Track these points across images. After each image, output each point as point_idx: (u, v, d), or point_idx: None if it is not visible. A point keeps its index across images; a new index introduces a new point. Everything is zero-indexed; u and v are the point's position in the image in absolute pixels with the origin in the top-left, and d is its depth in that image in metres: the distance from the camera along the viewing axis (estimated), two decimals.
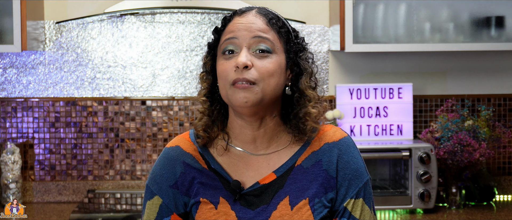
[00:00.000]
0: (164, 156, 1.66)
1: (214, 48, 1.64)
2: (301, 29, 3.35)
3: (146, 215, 1.65)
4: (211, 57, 1.64)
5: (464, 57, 3.42)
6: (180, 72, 3.36)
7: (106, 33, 3.33)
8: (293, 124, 1.62)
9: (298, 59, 1.64)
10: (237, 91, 1.54)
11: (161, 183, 1.64)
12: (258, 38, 1.57)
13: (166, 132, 3.36)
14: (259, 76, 1.55)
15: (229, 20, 1.62)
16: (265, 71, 1.56)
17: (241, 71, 1.54)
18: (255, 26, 1.58)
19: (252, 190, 1.59)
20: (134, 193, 3.28)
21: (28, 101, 3.33)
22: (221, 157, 1.64)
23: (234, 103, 1.56)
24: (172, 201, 1.63)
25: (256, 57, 1.56)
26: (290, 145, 1.63)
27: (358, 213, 1.60)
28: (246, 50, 1.56)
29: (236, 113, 1.61)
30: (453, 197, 3.17)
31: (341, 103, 3.30)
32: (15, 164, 3.21)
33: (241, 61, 1.54)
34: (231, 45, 1.58)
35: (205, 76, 1.65)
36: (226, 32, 1.60)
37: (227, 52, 1.58)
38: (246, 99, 1.54)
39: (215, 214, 1.58)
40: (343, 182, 1.60)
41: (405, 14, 3.21)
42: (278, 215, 1.56)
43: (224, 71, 1.57)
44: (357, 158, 1.63)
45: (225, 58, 1.58)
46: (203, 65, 1.66)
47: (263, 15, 1.61)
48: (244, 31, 1.58)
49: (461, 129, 3.11)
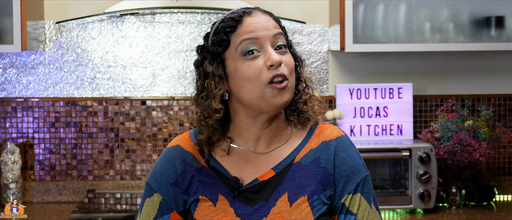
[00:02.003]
0: (165, 155, 1.67)
1: (220, 54, 1.58)
2: (301, 29, 3.36)
3: (144, 212, 1.64)
4: (218, 63, 1.58)
5: (464, 57, 3.42)
6: (180, 72, 3.36)
7: (106, 33, 3.33)
8: (297, 113, 1.63)
9: (294, 53, 1.65)
10: (276, 93, 1.53)
11: (161, 181, 1.64)
12: (277, 35, 1.58)
13: (166, 132, 3.36)
14: (288, 72, 1.56)
15: (239, 21, 1.57)
16: (291, 66, 1.57)
17: (277, 68, 1.54)
18: (270, 24, 1.58)
19: (251, 186, 1.60)
20: (134, 193, 3.28)
21: (28, 101, 3.33)
22: (222, 157, 1.64)
23: (273, 104, 1.55)
24: (172, 199, 1.63)
25: (280, 54, 1.57)
26: (290, 141, 1.64)
27: (355, 208, 1.59)
28: (272, 48, 1.56)
29: (250, 113, 1.58)
30: (453, 197, 3.16)
31: (341, 103, 3.30)
32: (15, 164, 3.21)
33: (276, 59, 1.53)
34: (253, 45, 1.55)
35: (218, 83, 1.58)
36: (241, 33, 1.56)
37: (248, 53, 1.55)
38: (286, 99, 1.55)
39: (214, 211, 1.58)
40: (340, 179, 1.60)
41: (405, 14, 3.21)
42: (277, 211, 1.56)
43: (254, 73, 1.54)
44: (354, 155, 1.63)
45: (247, 59, 1.55)
46: (213, 70, 1.57)
47: (269, 14, 1.62)
48: (264, 31, 1.56)
49: (461, 129, 3.11)
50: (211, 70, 1.58)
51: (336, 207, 1.60)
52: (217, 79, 1.58)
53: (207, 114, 1.58)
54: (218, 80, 1.58)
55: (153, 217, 1.63)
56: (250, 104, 1.57)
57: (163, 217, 1.63)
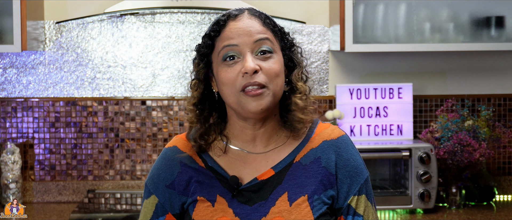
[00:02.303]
0: (162, 156, 1.67)
1: (207, 56, 1.61)
2: (301, 29, 3.36)
3: (142, 214, 1.66)
4: (204, 64, 1.61)
5: (464, 57, 3.42)
6: (180, 72, 3.36)
7: (106, 33, 3.33)
8: (288, 116, 1.62)
9: (291, 54, 1.64)
10: (250, 100, 1.53)
11: (158, 183, 1.64)
12: (259, 41, 1.56)
13: (166, 132, 3.36)
14: (268, 79, 1.54)
15: (223, 25, 1.58)
16: (272, 72, 1.55)
17: (251, 76, 1.53)
18: (253, 29, 1.57)
19: (250, 186, 1.59)
20: (134, 193, 3.28)
21: (28, 101, 3.33)
22: (219, 157, 1.64)
23: (249, 111, 1.55)
24: (168, 201, 1.63)
25: (260, 60, 1.55)
26: (289, 141, 1.64)
27: (361, 209, 1.60)
28: (251, 55, 1.55)
29: (239, 116, 1.60)
30: (453, 197, 3.16)
31: (341, 103, 3.30)
32: (15, 164, 3.21)
33: (250, 67, 1.52)
34: (232, 52, 1.55)
35: (197, 84, 1.62)
36: (223, 38, 1.57)
37: (228, 58, 1.56)
38: (261, 106, 1.54)
39: (213, 212, 1.58)
40: (345, 180, 1.60)
41: (405, 14, 3.21)
42: (276, 211, 1.56)
43: (230, 79, 1.55)
44: (355, 155, 1.63)
45: (227, 65, 1.56)
46: (196, 73, 1.62)
47: (257, 17, 1.60)
48: (245, 37, 1.56)
49: (461, 129, 3.11)
50: (195, 71, 1.62)
51: (342, 208, 1.60)
52: (196, 81, 1.62)
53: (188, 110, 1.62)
54: (197, 82, 1.61)
55: (149, 218, 1.64)
56: (232, 107, 1.59)
57: (158, 219, 1.63)
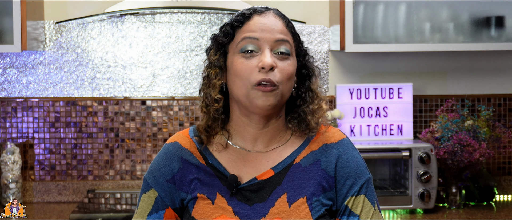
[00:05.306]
0: (163, 151, 1.67)
1: (224, 46, 1.61)
2: (301, 29, 3.36)
3: (140, 208, 1.65)
4: (221, 54, 1.62)
5: (464, 57, 3.42)
6: (180, 72, 3.36)
7: (106, 33, 3.33)
8: (299, 121, 1.63)
9: (305, 62, 1.66)
10: (260, 95, 1.54)
11: (158, 177, 1.64)
12: (280, 41, 1.58)
13: (166, 132, 3.36)
14: (281, 79, 1.55)
15: (247, 17, 1.59)
16: (286, 73, 1.57)
17: (267, 73, 1.54)
18: (277, 28, 1.58)
19: (249, 185, 1.60)
20: (134, 193, 3.28)
21: (28, 101, 3.33)
22: (219, 153, 1.64)
23: (256, 105, 1.55)
24: (168, 195, 1.63)
25: (277, 59, 1.57)
26: (289, 143, 1.64)
27: (358, 209, 1.60)
28: (269, 52, 1.56)
29: (243, 111, 1.60)
30: (453, 197, 3.16)
31: (341, 104, 3.30)
32: (15, 164, 3.21)
33: (268, 62, 1.54)
34: (251, 45, 1.56)
35: (219, 73, 1.61)
36: (245, 30, 1.58)
37: (246, 51, 1.56)
38: (269, 102, 1.54)
39: (212, 209, 1.58)
40: (344, 182, 1.61)
41: (405, 14, 3.21)
42: (275, 211, 1.56)
43: (245, 71, 1.55)
44: (356, 157, 1.64)
45: (244, 57, 1.56)
46: (215, 61, 1.61)
47: (282, 18, 1.61)
48: (267, 33, 1.57)
49: (461, 129, 3.11)
50: (213, 60, 1.61)
51: (339, 210, 1.61)
52: (217, 70, 1.61)
53: (208, 102, 1.61)
54: (218, 71, 1.60)
55: (148, 212, 1.63)
56: (239, 101, 1.59)
57: (158, 213, 1.63)
